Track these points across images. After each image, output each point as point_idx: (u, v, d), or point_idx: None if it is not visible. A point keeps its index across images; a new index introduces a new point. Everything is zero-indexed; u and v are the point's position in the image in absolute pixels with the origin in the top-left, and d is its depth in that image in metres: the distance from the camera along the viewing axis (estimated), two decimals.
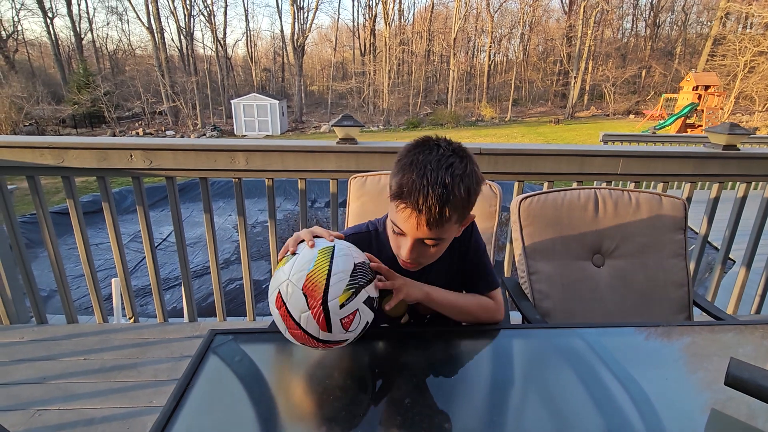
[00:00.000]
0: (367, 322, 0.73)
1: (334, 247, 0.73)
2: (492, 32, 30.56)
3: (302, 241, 0.75)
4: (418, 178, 0.70)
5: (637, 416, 0.69)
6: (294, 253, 0.73)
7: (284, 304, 0.69)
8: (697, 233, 2.09)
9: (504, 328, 0.92)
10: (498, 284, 0.96)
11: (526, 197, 1.24)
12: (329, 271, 0.68)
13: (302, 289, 0.67)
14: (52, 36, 25.85)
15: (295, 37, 26.79)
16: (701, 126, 16.26)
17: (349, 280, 0.69)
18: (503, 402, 0.75)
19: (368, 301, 0.72)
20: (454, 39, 27.52)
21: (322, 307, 0.66)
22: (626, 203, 1.25)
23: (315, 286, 0.67)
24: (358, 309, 0.69)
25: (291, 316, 0.68)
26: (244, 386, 0.73)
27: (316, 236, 0.76)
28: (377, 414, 0.66)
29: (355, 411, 0.66)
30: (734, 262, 3.49)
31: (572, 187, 1.29)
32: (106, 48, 30.68)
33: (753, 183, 2.04)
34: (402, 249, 0.78)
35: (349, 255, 0.73)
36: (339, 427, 0.65)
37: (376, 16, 30.37)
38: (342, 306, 0.68)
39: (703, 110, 16.46)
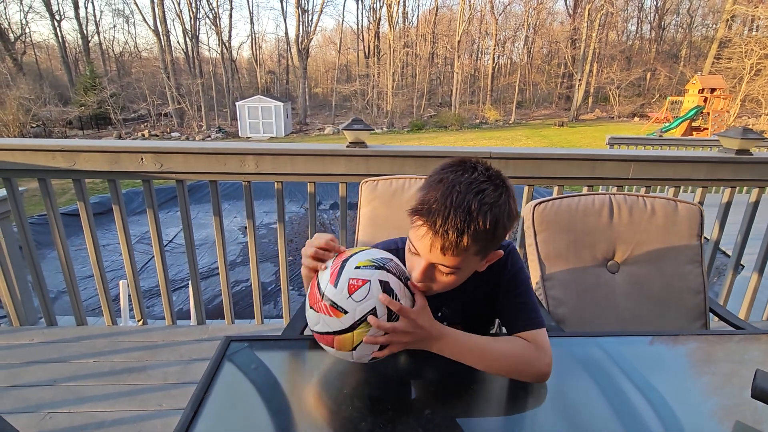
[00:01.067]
0: (374, 310, 0.66)
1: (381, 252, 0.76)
2: (496, 35, 30.55)
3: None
4: (442, 198, 0.65)
5: (660, 428, 0.68)
6: None
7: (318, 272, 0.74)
8: (707, 238, 2.07)
9: None
10: (542, 324, 0.78)
11: (540, 202, 1.23)
12: (364, 250, 0.74)
13: (337, 254, 0.73)
14: (60, 38, 26.12)
15: (300, 40, 26.92)
16: (707, 129, 16.17)
17: (377, 257, 0.71)
18: (523, 412, 0.74)
19: (385, 286, 0.68)
20: (459, 41, 27.54)
21: (341, 264, 0.69)
22: (641, 209, 1.24)
23: (346, 252, 0.72)
24: (370, 281, 0.67)
25: (318, 274, 0.72)
26: (261, 395, 0.73)
27: None
28: (397, 425, 0.65)
29: (374, 421, 0.65)
30: (743, 267, 3.45)
31: (587, 193, 1.27)
32: (113, 50, 30.97)
33: (766, 188, 2.02)
34: (415, 270, 0.72)
35: (388, 255, 0.74)
36: None
37: (380, 18, 30.47)
38: (357, 268, 0.68)
39: (708, 113, 16.38)
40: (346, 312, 0.66)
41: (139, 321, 2.08)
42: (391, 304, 0.66)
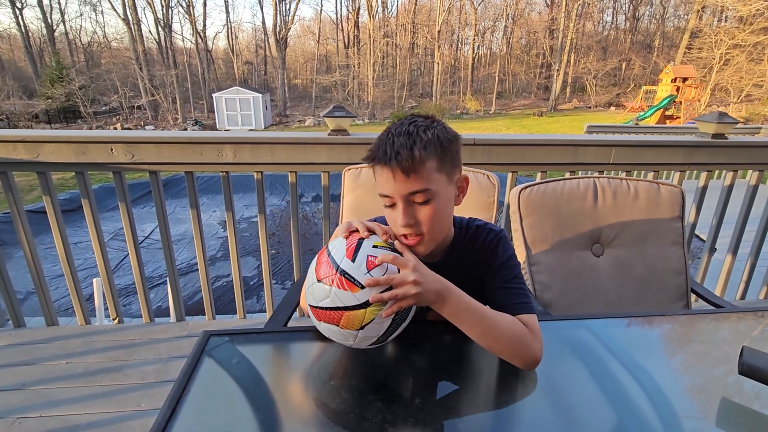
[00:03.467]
0: (390, 288, 0.66)
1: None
2: (476, 25, 30.57)
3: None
4: (383, 136, 0.73)
5: (649, 406, 0.67)
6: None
7: (326, 248, 0.72)
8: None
9: None
10: (534, 311, 0.77)
11: (526, 187, 1.22)
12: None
13: (345, 238, 0.73)
14: (22, 28, 24.80)
15: (278, 30, 26.32)
16: (679, 117, 16.65)
17: (390, 241, 0.73)
18: (514, 397, 0.73)
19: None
20: (438, 31, 27.45)
21: (357, 241, 0.70)
22: (625, 192, 1.24)
23: (355, 236, 0.73)
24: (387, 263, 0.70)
25: (327, 250, 0.71)
26: (243, 390, 0.69)
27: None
28: (387, 415, 0.63)
29: (363, 414, 0.63)
30: (716, 249, 3.56)
31: (571, 177, 1.27)
32: (80, 40, 29.61)
33: (740, 171, 2.07)
34: (398, 217, 0.72)
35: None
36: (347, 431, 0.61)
37: (359, 8, 30.04)
38: (375, 247, 0.69)
39: (681, 102, 16.84)
40: (363, 287, 0.65)
41: (114, 319, 2.00)
42: (385, 257, 0.68)
